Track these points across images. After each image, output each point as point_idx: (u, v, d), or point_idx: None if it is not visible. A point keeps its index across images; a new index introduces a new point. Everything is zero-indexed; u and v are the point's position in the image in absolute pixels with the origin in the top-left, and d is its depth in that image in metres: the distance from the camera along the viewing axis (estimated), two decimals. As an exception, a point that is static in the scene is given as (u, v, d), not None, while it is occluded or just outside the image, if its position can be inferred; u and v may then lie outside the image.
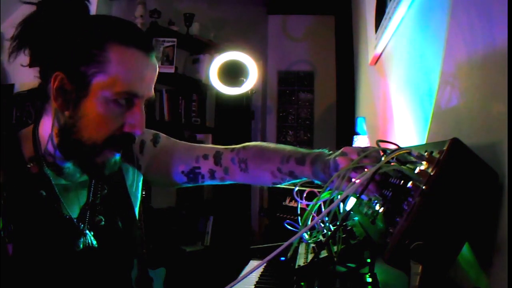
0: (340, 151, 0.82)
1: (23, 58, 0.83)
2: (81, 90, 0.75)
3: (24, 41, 0.81)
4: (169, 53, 3.08)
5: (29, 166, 0.82)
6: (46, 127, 0.83)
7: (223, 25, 3.55)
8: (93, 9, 0.92)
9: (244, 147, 0.98)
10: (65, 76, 0.76)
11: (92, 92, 0.75)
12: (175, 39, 3.09)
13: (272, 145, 0.97)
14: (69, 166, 0.85)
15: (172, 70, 3.07)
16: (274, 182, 0.95)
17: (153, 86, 0.84)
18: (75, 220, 0.84)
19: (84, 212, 0.87)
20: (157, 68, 0.85)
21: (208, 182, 1.00)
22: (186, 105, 3.31)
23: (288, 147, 0.94)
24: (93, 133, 0.77)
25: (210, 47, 3.36)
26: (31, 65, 0.83)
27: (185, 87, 3.32)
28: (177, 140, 1.04)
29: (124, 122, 0.79)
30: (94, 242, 0.85)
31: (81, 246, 0.83)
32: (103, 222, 0.88)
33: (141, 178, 1.01)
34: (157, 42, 3.08)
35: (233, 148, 0.99)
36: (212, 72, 2.97)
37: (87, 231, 0.85)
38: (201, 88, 3.37)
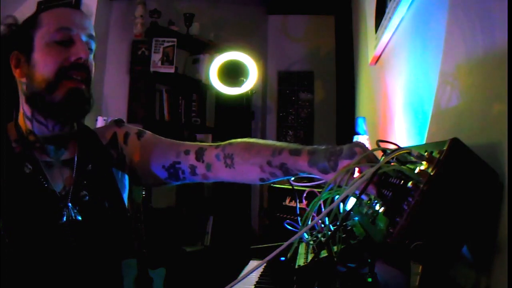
0: (354, 143, 0.81)
1: None
2: (28, 50, 0.88)
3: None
4: (169, 53, 3.08)
5: (14, 146, 0.89)
6: (21, 111, 0.92)
7: (223, 25, 3.55)
8: (93, 9, 0.96)
9: (230, 143, 0.96)
10: (17, 51, 0.90)
11: (36, 45, 0.88)
12: (175, 39, 3.09)
13: (261, 140, 0.96)
14: (50, 145, 0.91)
15: (172, 70, 3.07)
16: (261, 178, 0.93)
17: (89, 29, 0.93)
18: (58, 193, 0.88)
19: (68, 186, 0.90)
20: (89, 18, 0.95)
21: (190, 178, 1.00)
22: (186, 105, 3.30)
23: (280, 142, 0.92)
24: (44, 73, 0.87)
25: (210, 47, 3.36)
26: None
27: (185, 87, 3.32)
28: (162, 137, 1.04)
29: (69, 55, 0.88)
30: (79, 217, 0.87)
31: (64, 219, 0.86)
32: (87, 197, 0.90)
33: (127, 169, 1.03)
34: (157, 42, 3.08)
35: (218, 145, 0.97)
36: (212, 72, 2.97)
37: (70, 204, 0.87)
38: (201, 88, 3.37)
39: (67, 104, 0.87)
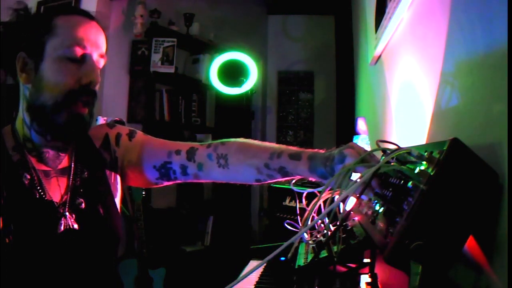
0: (345, 145, 0.81)
1: None
2: (38, 57, 0.85)
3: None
4: (169, 53, 3.08)
5: (11, 154, 0.87)
6: (20, 115, 0.90)
7: (223, 25, 3.55)
8: (92, 9, 0.95)
9: (223, 143, 0.96)
10: (25, 54, 0.87)
11: (47, 55, 0.85)
12: (175, 39, 3.09)
13: (257, 141, 0.95)
14: (48, 150, 0.90)
15: (172, 70, 3.07)
16: (257, 179, 0.92)
17: (102, 47, 0.91)
18: (55, 203, 0.87)
19: (65, 194, 0.89)
20: (103, 32, 0.92)
21: (182, 178, 0.99)
22: (186, 105, 3.31)
23: (277, 145, 0.91)
24: (53, 90, 0.85)
25: (210, 47, 3.37)
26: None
27: (185, 87, 3.33)
28: (153, 137, 1.04)
29: (81, 76, 0.86)
30: (75, 225, 0.87)
31: (62, 228, 0.85)
32: (83, 205, 0.90)
33: (119, 170, 1.02)
34: (157, 42, 3.08)
35: (210, 144, 0.97)
36: (212, 72, 2.97)
37: (67, 213, 0.87)
38: (201, 88, 3.37)
39: (67, 128, 0.86)
